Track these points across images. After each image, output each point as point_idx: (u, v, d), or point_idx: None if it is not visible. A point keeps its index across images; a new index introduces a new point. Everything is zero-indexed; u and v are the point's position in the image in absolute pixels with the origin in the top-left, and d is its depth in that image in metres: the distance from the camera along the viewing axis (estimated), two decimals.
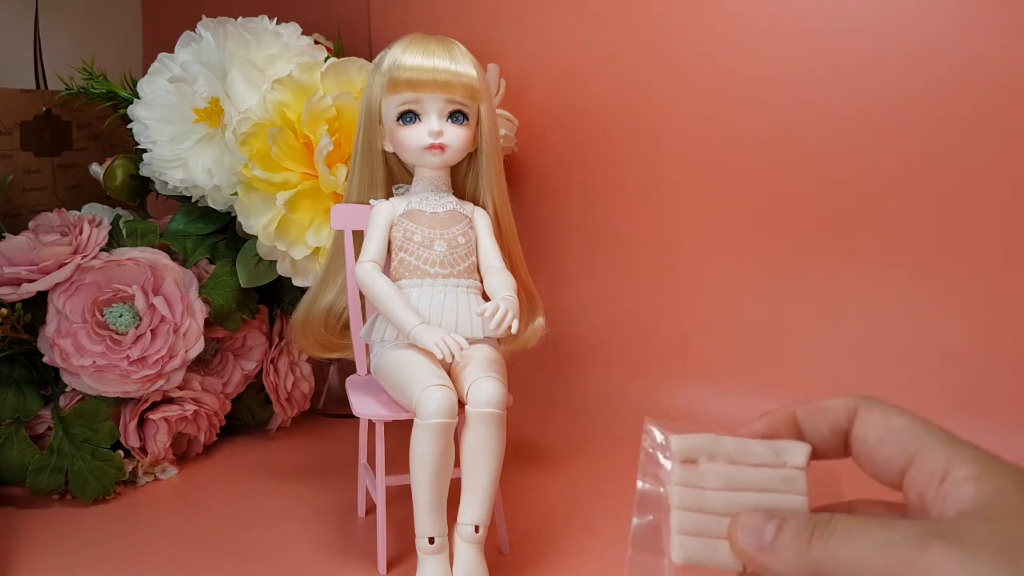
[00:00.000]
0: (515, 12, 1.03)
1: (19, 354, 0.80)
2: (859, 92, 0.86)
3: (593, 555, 0.66)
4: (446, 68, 0.64)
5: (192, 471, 0.84)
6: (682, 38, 0.94)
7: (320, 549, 0.68)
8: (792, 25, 0.89)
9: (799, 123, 0.90)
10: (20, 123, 0.94)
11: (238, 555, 0.67)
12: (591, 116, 1.01)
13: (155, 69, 0.87)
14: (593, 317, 1.05)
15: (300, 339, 0.71)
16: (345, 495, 0.77)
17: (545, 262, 1.04)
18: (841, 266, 0.90)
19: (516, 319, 0.61)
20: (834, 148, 0.88)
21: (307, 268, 0.82)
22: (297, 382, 0.93)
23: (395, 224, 0.66)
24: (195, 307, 0.82)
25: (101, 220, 0.83)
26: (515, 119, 0.97)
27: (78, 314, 0.78)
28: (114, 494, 0.77)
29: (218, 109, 0.82)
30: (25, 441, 0.76)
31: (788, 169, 0.91)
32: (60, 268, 0.77)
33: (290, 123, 0.77)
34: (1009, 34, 0.79)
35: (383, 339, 0.63)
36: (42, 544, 0.68)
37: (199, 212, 0.89)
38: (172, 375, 0.81)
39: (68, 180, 0.99)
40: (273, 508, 0.76)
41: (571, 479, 0.81)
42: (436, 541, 0.58)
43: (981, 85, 0.81)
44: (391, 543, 0.66)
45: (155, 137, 0.85)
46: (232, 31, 0.82)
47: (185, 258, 0.87)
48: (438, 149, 0.64)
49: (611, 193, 1.01)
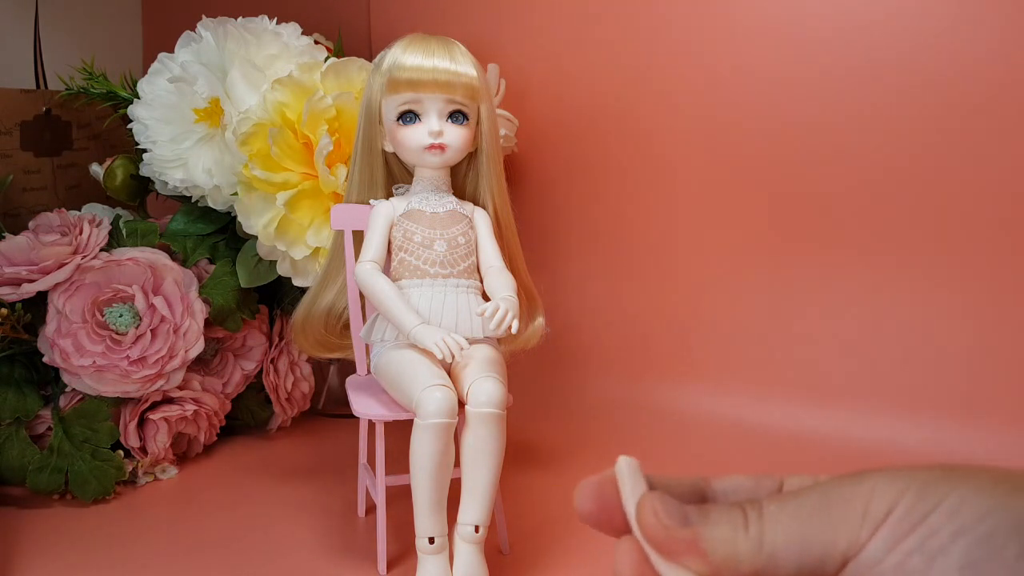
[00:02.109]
0: (515, 12, 1.03)
1: (19, 354, 0.80)
2: (860, 92, 0.86)
3: (593, 555, 0.66)
4: (446, 68, 0.64)
5: (192, 471, 0.84)
6: (682, 38, 0.94)
7: (320, 549, 0.68)
8: (792, 25, 0.89)
9: (799, 123, 0.90)
10: (20, 123, 0.94)
11: (238, 555, 0.67)
12: (591, 116, 1.01)
13: (155, 69, 0.87)
14: (593, 317, 1.05)
15: (300, 339, 0.71)
16: (345, 495, 0.77)
17: (545, 262, 1.04)
18: (841, 266, 0.90)
19: (516, 319, 0.61)
20: (835, 148, 0.88)
21: (307, 268, 0.82)
22: (297, 382, 0.93)
23: (395, 224, 0.66)
24: (195, 307, 0.82)
25: (101, 220, 0.83)
26: (515, 119, 0.97)
27: (78, 314, 0.78)
28: (114, 494, 0.77)
29: (218, 109, 0.82)
30: (25, 441, 0.76)
31: (788, 169, 0.91)
32: (60, 268, 0.77)
33: (290, 123, 0.77)
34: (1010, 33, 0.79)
35: (383, 339, 0.63)
36: (42, 544, 0.68)
37: (199, 212, 0.89)
38: (172, 375, 0.81)
39: (68, 180, 0.99)
40: (273, 508, 0.76)
41: (571, 479, 0.81)
42: (436, 541, 0.58)
43: (983, 85, 0.81)
44: (391, 543, 0.66)
45: (155, 137, 0.85)
46: (232, 31, 0.82)
47: (185, 258, 0.87)
48: (438, 149, 0.64)
49: (611, 193, 1.01)
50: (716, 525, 0.20)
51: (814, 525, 0.19)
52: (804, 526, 0.19)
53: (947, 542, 0.18)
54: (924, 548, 0.18)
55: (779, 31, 0.89)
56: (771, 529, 0.20)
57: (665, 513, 0.20)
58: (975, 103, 0.81)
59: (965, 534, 0.18)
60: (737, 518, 0.20)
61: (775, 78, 0.90)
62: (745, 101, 0.92)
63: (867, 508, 0.19)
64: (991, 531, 0.18)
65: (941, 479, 0.19)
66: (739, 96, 0.92)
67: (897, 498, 0.19)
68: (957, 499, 0.19)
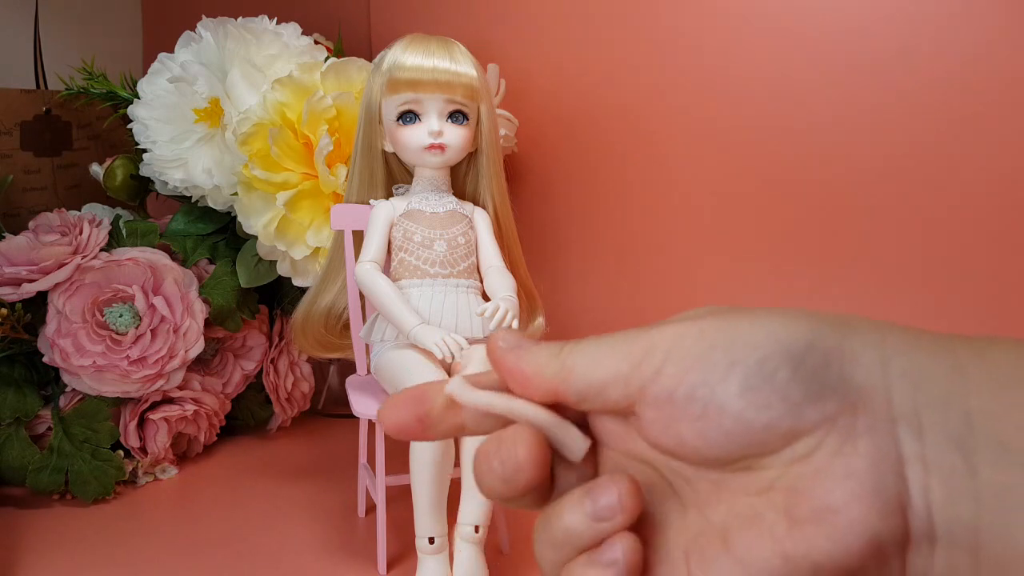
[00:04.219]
0: (515, 12, 1.03)
1: (19, 354, 0.80)
2: (860, 93, 0.86)
3: None
4: (446, 68, 0.64)
5: (192, 471, 0.84)
6: (682, 38, 0.94)
7: (320, 549, 0.68)
8: (793, 26, 0.89)
9: (800, 123, 0.90)
10: (20, 123, 0.94)
11: (238, 555, 0.67)
12: (591, 116, 1.01)
13: (155, 69, 0.87)
14: (593, 317, 1.05)
15: (300, 339, 0.71)
16: (345, 495, 0.77)
17: (545, 262, 1.04)
18: (842, 268, 0.90)
19: (516, 319, 0.61)
20: (836, 149, 0.88)
21: (307, 268, 0.82)
22: (297, 382, 0.93)
23: (395, 224, 0.66)
24: (195, 307, 0.82)
25: (101, 220, 0.83)
26: (515, 119, 0.97)
27: (78, 314, 0.78)
28: (114, 494, 0.77)
29: (218, 109, 0.82)
30: (25, 441, 0.76)
31: (788, 169, 0.91)
32: (60, 268, 0.77)
33: (290, 123, 0.77)
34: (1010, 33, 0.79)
35: (383, 339, 0.63)
36: (42, 544, 0.68)
37: (199, 212, 0.89)
38: (172, 375, 0.81)
39: (68, 180, 0.99)
40: (273, 508, 0.76)
41: None
42: (436, 541, 0.58)
43: (984, 86, 0.81)
44: (391, 543, 0.66)
45: (155, 137, 0.85)
46: (232, 31, 0.82)
47: (185, 258, 0.87)
48: (438, 149, 0.64)
49: (611, 193, 1.01)
50: (538, 351, 0.23)
51: (604, 354, 0.22)
52: (596, 353, 0.22)
53: (726, 372, 0.20)
54: (707, 380, 0.20)
55: (780, 31, 0.89)
56: (574, 353, 0.23)
57: (505, 338, 0.24)
58: (980, 104, 0.81)
59: (741, 364, 0.20)
60: (554, 347, 0.23)
61: (776, 78, 0.90)
62: (746, 101, 0.92)
63: (653, 345, 0.21)
64: (763, 359, 0.20)
65: (718, 318, 0.21)
66: (740, 96, 0.92)
67: (681, 337, 0.21)
68: (732, 335, 0.21)
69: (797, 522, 0.19)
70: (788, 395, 0.20)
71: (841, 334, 0.21)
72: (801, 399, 0.20)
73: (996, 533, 0.18)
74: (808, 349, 0.20)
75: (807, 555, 0.19)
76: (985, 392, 0.19)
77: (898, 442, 0.19)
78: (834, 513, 0.19)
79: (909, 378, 0.19)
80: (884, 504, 0.19)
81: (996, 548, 0.18)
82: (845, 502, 0.19)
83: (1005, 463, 0.18)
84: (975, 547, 0.19)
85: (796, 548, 0.19)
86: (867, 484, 0.19)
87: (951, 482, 0.19)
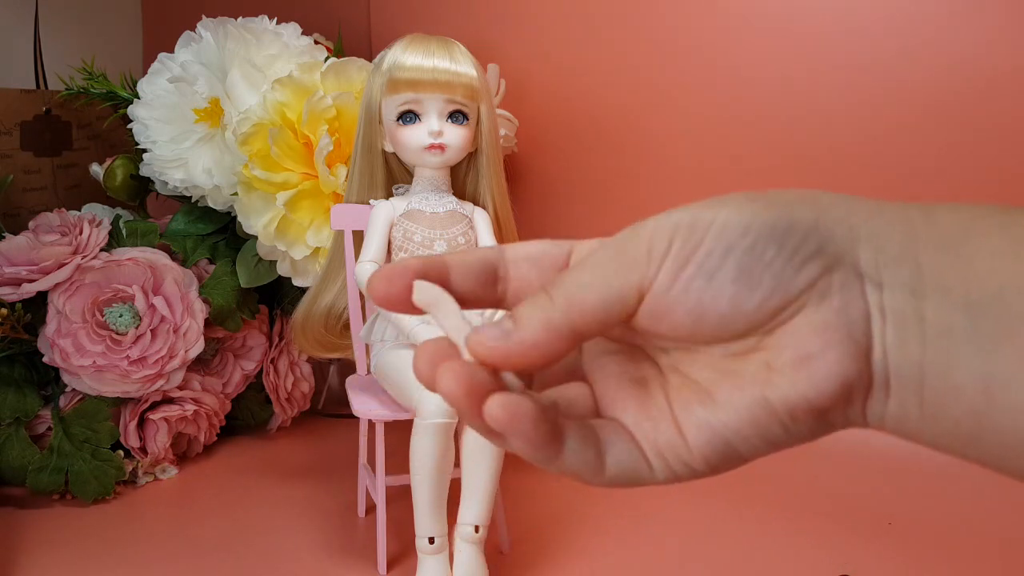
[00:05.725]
0: (515, 12, 1.03)
1: (19, 354, 0.80)
2: (861, 92, 0.86)
3: (593, 555, 0.66)
4: (446, 68, 0.64)
5: (192, 471, 0.84)
6: (682, 38, 0.94)
7: (320, 549, 0.68)
8: (793, 25, 0.89)
9: (800, 122, 0.90)
10: (20, 123, 0.94)
11: (238, 555, 0.67)
12: (591, 116, 1.01)
13: (155, 69, 0.87)
14: None
15: (300, 339, 0.71)
16: (345, 495, 0.77)
17: None
18: None
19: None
20: (836, 148, 0.88)
21: (307, 268, 0.82)
22: (297, 382, 0.93)
23: (395, 224, 0.66)
24: (195, 307, 0.82)
25: (101, 220, 0.83)
26: (515, 119, 0.97)
27: (78, 314, 0.78)
28: (114, 494, 0.77)
29: (218, 109, 0.82)
30: (25, 441, 0.76)
31: (788, 168, 0.91)
32: (60, 268, 0.77)
33: (290, 123, 0.77)
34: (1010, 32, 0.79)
35: (383, 339, 0.63)
36: (43, 544, 0.68)
37: (199, 212, 0.89)
38: (172, 375, 0.81)
39: (68, 180, 0.99)
40: (273, 508, 0.76)
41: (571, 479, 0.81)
42: (436, 541, 0.58)
43: (984, 85, 0.81)
44: (391, 543, 0.66)
45: (155, 137, 0.85)
46: (232, 31, 0.82)
47: (185, 258, 0.87)
48: (438, 149, 0.64)
49: (611, 193, 1.01)
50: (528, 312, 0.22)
51: (609, 269, 0.22)
52: (600, 272, 0.22)
53: (720, 260, 0.21)
54: (702, 270, 0.21)
55: (780, 31, 0.89)
56: (571, 283, 0.22)
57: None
58: (981, 104, 0.81)
59: (733, 250, 0.21)
60: (540, 298, 0.22)
61: (776, 78, 0.90)
62: (746, 100, 0.92)
63: (650, 247, 0.22)
64: (753, 242, 0.21)
65: (706, 209, 0.22)
66: (740, 95, 0.92)
67: (673, 233, 0.22)
68: (721, 223, 0.22)
69: (776, 371, 0.21)
70: (776, 271, 0.21)
71: (815, 210, 0.22)
72: (788, 273, 0.21)
73: (937, 370, 0.20)
74: (789, 227, 0.21)
75: (785, 398, 0.21)
76: (931, 248, 0.21)
77: (864, 295, 0.21)
78: (812, 359, 0.21)
79: (872, 242, 0.21)
80: (856, 350, 0.21)
81: (936, 384, 0.20)
82: (821, 349, 0.21)
83: (947, 306, 0.20)
84: (920, 386, 0.21)
85: (774, 392, 0.21)
86: (841, 332, 0.21)
87: (903, 326, 0.21)
